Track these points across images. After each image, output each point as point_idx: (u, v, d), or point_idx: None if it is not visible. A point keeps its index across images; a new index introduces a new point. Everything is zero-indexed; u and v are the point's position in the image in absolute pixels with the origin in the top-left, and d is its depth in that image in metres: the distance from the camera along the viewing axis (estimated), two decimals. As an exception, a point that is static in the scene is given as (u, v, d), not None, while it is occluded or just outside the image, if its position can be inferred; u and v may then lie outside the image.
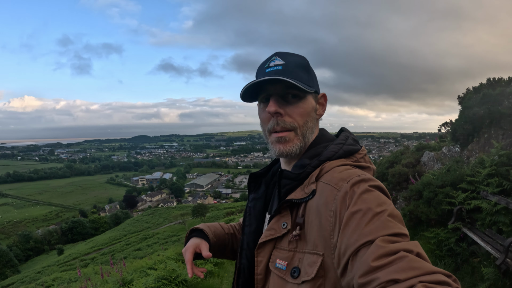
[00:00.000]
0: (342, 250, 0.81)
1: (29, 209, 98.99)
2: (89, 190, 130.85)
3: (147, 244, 29.49)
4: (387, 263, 0.69)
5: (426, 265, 0.68)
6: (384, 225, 0.78)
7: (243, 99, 1.13)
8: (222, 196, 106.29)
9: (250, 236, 1.16)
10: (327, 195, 0.92)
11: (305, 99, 1.08)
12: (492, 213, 4.57)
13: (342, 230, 0.83)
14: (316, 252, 0.90)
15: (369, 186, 0.89)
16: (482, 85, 7.14)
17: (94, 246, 38.79)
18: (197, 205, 44.48)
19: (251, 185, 1.27)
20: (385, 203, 0.84)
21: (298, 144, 1.07)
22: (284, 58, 1.09)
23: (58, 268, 27.70)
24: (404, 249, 0.71)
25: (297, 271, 0.92)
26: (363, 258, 0.74)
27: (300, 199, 0.98)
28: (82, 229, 61.18)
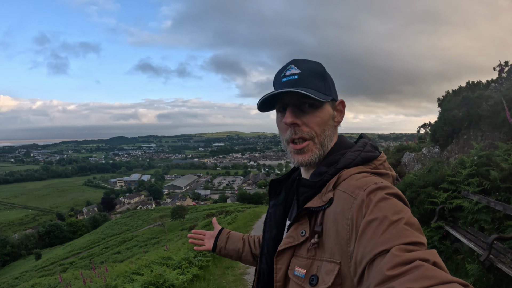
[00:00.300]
0: (358, 259, 0.80)
1: (5, 213, 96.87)
2: (66, 193, 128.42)
3: (127, 247, 29.14)
4: (402, 272, 0.68)
5: (442, 274, 0.66)
6: (400, 234, 0.77)
7: (260, 110, 1.13)
8: (201, 198, 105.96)
9: (270, 242, 1.17)
10: (343, 203, 0.92)
11: (322, 108, 1.08)
12: (473, 211, 4.71)
13: (359, 239, 0.82)
14: (333, 260, 0.90)
15: (385, 194, 0.87)
16: (461, 88, 7.35)
17: (73, 250, 38.00)
18: (176, 207, 44.17)
19: (271, 191, 1.28)
20: (402, 211, 0.83)
21: (317, 153, 1.08)
22: (299, 66, 1.09)
23: (37, 273, 27.10)
24: (420, 258, 0.70)
25: (315, 279, 0.92)
26: (378, 267, 0.73)
27: (318, 207, 0.98)
28: (60, 232, 59.65)
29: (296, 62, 1.10)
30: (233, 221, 16.35)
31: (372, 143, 1.14)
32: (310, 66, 1.10)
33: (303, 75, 1.07)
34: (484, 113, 6.35)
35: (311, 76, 1.07)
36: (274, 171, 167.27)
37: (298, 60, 1.11)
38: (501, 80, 7.01)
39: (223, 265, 7.48)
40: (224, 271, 7.05)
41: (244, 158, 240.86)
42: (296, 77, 1.06)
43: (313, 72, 1.09)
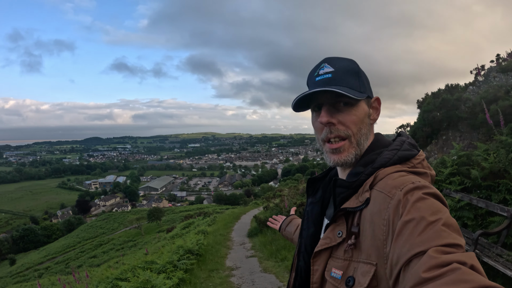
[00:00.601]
0: (394, 261, 0.78)
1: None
2: (40, 195, 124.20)
3: (103, 251, 28.72)
4: (438, 275, 0.67)
5: (480, 278, 0.64)
6: (438, 235, 0.75)
7: (295, 110, 1.12)
8: (177, 199, 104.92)
9: (308, 240, 1.16)
10: (380, 203, 0.90)
11: (357, 106, 1.06)
12: (456, 209, 4.87)
13: (395, 240, 0.80)
14: (369, 261, 0.88)
15: (423, 194, 0.85)
16: (440, 91, 7.55)
17: (48, 255, 37.12)
18: (153, 209, 43.66)
19: (309, 189, 1.26)
20: (440, 211, 0.81)
21: (353, 152, 1.06)
22: (333, 64, 1.07)
23: (12, 279, 26.46)
24: (457, 260, 0.68)
25: (351, 281, 0.91)
26: (414, 269, 0.71)
27: (355, 208, 0.96)
28: (34, 237, 57.78)
29: (329, 60, 1.09)
30: (213, 222, 16.25)
31: (411, 141, 1.10)
32: (343, 64, 1.08)
33: (337, 73, 1.06)
34: (463, 115, 6.56)
35: (344, 74, 1.06)
36: (250, 172, 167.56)
37: (331, 58, 1.10)
38: (478, 83, 7.24)
39: (208, 268, 7.45)
40: (209, 274, 7.01)
41: (220, 159, 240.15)
42: (330, 76, 1.05)
43: (346, 69, 1.07)
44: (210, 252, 9.00)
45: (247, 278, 6.62)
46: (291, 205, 10.84)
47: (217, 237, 11.93)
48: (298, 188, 17.10)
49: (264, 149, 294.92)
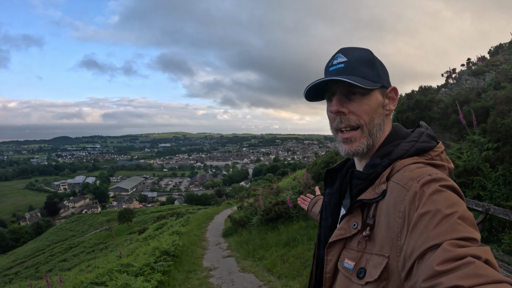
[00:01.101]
0: (408, 253, 0.78)
1: None
2: (7, 197, 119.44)
3: (73, 254, 28.09)
4: (452, 268, 0.67)
5: (494, 273, 0.64)
6: (453, 228, 0.74)
7: (308, 100, 1.13)
8: (148, 200, 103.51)
9: (327, 230, 1.18)
10: (396, 195, 0.90)
11: (370, 96, 1.05)
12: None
13: (410, 232, 0.80)
14: (382, 253, 0.88)
15: (440, 186, 0.84)
16: (414, 92, 7.77)
17: (16, 259, 35.94)
18: (123, 210, 42.86)
19: (327, 180, 1.27)
20: (456, 204, 0.80)
21: (365, 143, 1.06)
22: (347, 54, 1.07)
23: (-21, 286, 25.19)
24: (472, 254, 0.68)
25: (363, 272, 0.91)
26: (428, 262, 0.71)
27: (371, 200, 0.97)
28: (2, 240, 55.43)
29: (344, 51, 1.09)
30: (186, 223, 16.12)
31: (430, 132, 1.08)
32: (357, 54, 1.08)
33: (350, 62, 1.05)
34: (435, 115, 6.77)
35: (358, 64, 1.06)
36: (221, 172, 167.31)
37: (346, 48, 1.10)
38: (450, 86, 7.50)
39: (185, 269, 7.38)
40: (187, 275, 6.95)
41: (191, 159, 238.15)
42: (343, 66, 1.05)
43: (360, 59, 1.07)
44: (186, 253, 8.91)
45: (226, 278, 6.59)
46: (266, 204, 10.88)
47: (191, 237, 11.84)
48: (272, 188, 17.19)
49: (235, 149, 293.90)
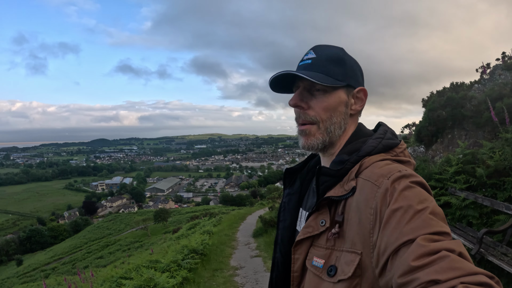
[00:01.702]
0: (381, 249, 0.78)
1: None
2: (47, 197, 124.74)
3: (109, 252, 28.74)
4: (427, 263, 0.67)
5: (468, 265, 0.66)
6: (426, 223, 0.75)
7: (274, 90, 1.14)
8: (183, 200, 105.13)
9: (285, 232, 1.15)
10: (367, 192, 0.88)
11: (331, 93, 1.04)
12: (461, 207, 4.83)
13: (383, 228, 0.79)
14: (354, 250, 0.87)
15: (410, 182, 0.84)
16: (445, 89, 7.50)
17: (54, 256, 37.27)
18: (159, 210, 43.65)
19: (286, 180, 1.25)
20: (426, 200, 0.80)
21: (320, 138, 1.05)
22: (317, 51, 1.07)
23: (18, 280, 26.63)
24: (446, 248, 0.69)
25: (333, 270, 0.89)
26: (403, 258, 0.71)
27: (340, 197, 0.94)
28: (41, 237, 58.19)
29: (315, 48, 1.08)
30: (218, 223, 16.26)
31: (392, 131, 1.10)
32: (327, 51, 1.07)
33: (318, 59, 1.05)
34: (468, 113, 6.50)
35: (326, 61, 1.05)
36: (257, 173, 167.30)
37: (319, 45, 1.09)
38: (483, 81, 7.18)
39: (212, 267, 7.44)
40: (213, 273, 7.01)
41: (226, 160, 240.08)
42: (310, 62, 1.05)
43: (329, 57, 1.06)
44: (215, 252, 8.99)
45: (251, 277, 6.61)
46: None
47: (222, 237, 11.92)
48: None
49: (270, 150, 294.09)
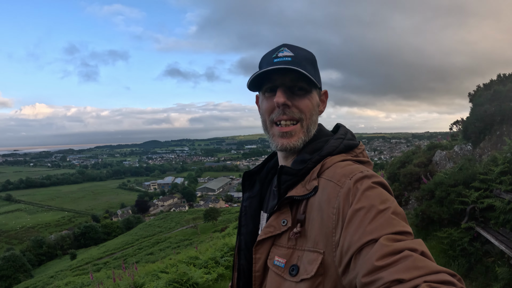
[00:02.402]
0: (344, 248, 0.79)
1: (42, 215, 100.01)
2: (101, 196, 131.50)
3: (159, 248, 29.64)
4: (391, 263, 0.68)
5: (431, 264, 0.67)
6: (388, 223, 0.76)
7: (250, 88, 1.11)
8: (233, 200, 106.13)
9: (248, 236, 1.14)
10: (329, 192, 0.90)
11: (311, 93, 1.06)
12: (505, 211, 4.50)
13: (345, 228, 0.81)
14: (316, 250, 0.88)
15: (372, 183, 0.86)
16: (492, 82, 7.05)
17: (107, 251, 39.16)
18: (209, 209, 44.60)
19: (245, 183, 1.25)
20: (388, 200, 0.82)
21: (302, 138, 1.06)
22: (293, 50, 1.07)
23: (71, 272, 28.12)
24: (408, 247, 0.70)
25: (295, 269, 0.90)
26: (366, 257, 0.72)
27: (302, 196, 0.95)
28: (95, 234, 61.58)
29: (289, 46, 1.09)
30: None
31: (351, 132, 1.12)
32: (303, 52, 1.08)
33: (297, 58, 1.05)
34: (518, 108, 6.06)
35: (304, 61, 1.05)
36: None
37: (290, 44, 1.10)
38: (536, 73, 6.67)
39: (250, 266, 7.49)
40: (250, 271, 7.05)
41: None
42: (290, 59, 1.04)
43: (305, 57, 1.07)
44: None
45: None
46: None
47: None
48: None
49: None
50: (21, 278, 40.62)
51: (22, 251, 53.02)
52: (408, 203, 7.98)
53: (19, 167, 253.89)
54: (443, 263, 4.83)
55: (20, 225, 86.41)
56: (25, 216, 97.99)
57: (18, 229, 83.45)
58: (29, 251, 55.11)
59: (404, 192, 8.29)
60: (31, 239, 60.42)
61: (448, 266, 4.70)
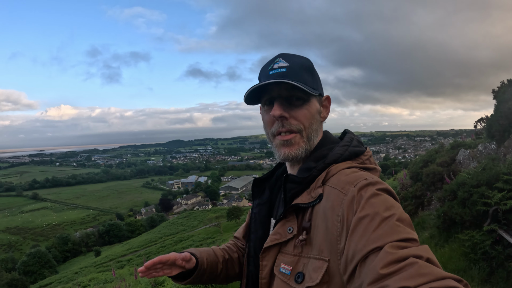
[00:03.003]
0: (349, 256, 0.79)
1: (67, 213, 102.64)
2: (125, 194, 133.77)
3: (182, 247, 29.88)
4: (396, 270, 0.67)
5: (436, 270, 0.66)
6: (393, 230, 0.76)
7: (246, 102, 1.11)
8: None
9: (257, 243, 1.14)
10: (333, 199, 0.91)
11: (309, 102, 1.06)
12: (529, 214, 4.35)
13: (350, 236, 0.81)
14: (321, 257, 0.89)
15: (376, 190, 0.87)
16: (517, 78, 6.81)
17: (130, 248, 39.81)
18: (232, 208, 44.76)
19: (255, 190, 1.26)
20: (393, 207, 0.82)
21: (304, 147, 1.06)
22: (288, 60, 1.07)
23: (95, 269, 28.58)
24: (413, 255, 0.70)
25: (301, 276, 0.91)
26: (371, 265, 0.72)
27: (307, 204, 0.96)
28: (119, 231, 62.80)
29: (284, 56, 1.09)
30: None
31: (358, 138, 1.11)
32: (298, 60, 1.08)
33: (292, 68, 1.05)
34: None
35: (299, 70, 1.05)
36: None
37: (286, 54, 1.10)
38: None
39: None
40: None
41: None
42: (285, 70, 1.04)
43: (301, 66, 1.07)
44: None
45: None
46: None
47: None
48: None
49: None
50: (46, 274, 41.85)
51: (47, 247, 54.52)
52: (431, 204, 7.82)
53: (45, 166, 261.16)
54: (463, 266, 4.70)
55: (46, 223, 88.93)
56: (51, 214, 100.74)
57: (44, 226, 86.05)
58: (55, 247, 56.78)
59: (427, 193, 8.12)
60: (57, 236, 62.34)
61: (469, 270, 4.57)
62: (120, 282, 7.47)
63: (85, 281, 14.92)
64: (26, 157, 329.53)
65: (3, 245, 71.91)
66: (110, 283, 11.59)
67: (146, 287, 5.69)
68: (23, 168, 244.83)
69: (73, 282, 17.25)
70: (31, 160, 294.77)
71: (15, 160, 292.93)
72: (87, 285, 14.04)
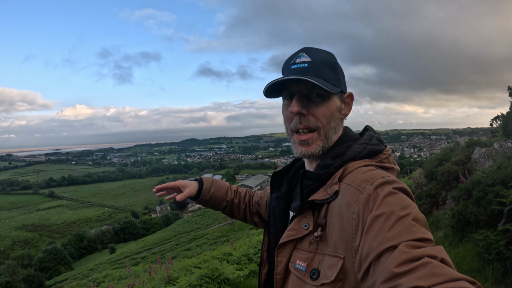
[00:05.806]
0: (364, 254, 0.79)
1: (83, 211, 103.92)
2: (140, 192, 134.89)
3: (197, 245, 29.89)
4: (410, 270, 0.67)
5: (450, 271, 0.66)
6: (408, 230, 0.76)
7: (266, 96, 1.11)
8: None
9: (277, 236, 1.15)
10: (349, 196, 0.91)
11: (329, 99, 1.05)
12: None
13: (365, 234, 0.81)
14: (336, 254, 0.89)
15: (393, 189, 0.86)
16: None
17: (145, 246, 39.94)
18: (247, 207, 44.46)
19: (273, 183, 1.27)
20: (409, 206, 0.82)
21: (321, 145, 1.06)
22: (310, 55, 1.06)
23: (110, 266, 28.88)
24: (428, 254, 0.69)
25: (316, 273, 0.91)
26: (385, 264, 0.72)
27: (323, 200, 0.97)
28: (134, 229, 63.27)
29: (308, 50, 1.08)
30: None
31: (378, 136, 1.11)
32: (321, 55, 1.07)
33: (314, 63, 1.04)
34: None
35: (321, 66, 1.05)
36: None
37: (309, 48, 1.09)
38: None
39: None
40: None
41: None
42: (306, 65, 1.04)
43: (323, 61, 1.06)
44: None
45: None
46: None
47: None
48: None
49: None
50: (62, 270, 42.74)
51: (63, 244, 55.37)
52: (446, 203, 7.77)
53: (61, 165, 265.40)
54: (477, 266, 4.68)
55: (62, 220, 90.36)
56: (67, 211, 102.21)
57: (60, 223, 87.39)
58: (70, 244, 57.62)
59: (442, 191, 8.06)
60: (73, 233, 63.25)
61: (483, 270, 4.56)
62: (135, 279, 7.59)
63: (100, 278, 15.17)
64: (42, 156, 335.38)
65: (20, 241, 73.29)
66: (124, 280, 11.77)
67: (160, 283, 5.78)
68: (40, 167, 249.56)
69: (88, 278, 17.56)
70: (48, 159, 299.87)
71: (32, 159, 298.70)
72: (101, 281, 14.27)
